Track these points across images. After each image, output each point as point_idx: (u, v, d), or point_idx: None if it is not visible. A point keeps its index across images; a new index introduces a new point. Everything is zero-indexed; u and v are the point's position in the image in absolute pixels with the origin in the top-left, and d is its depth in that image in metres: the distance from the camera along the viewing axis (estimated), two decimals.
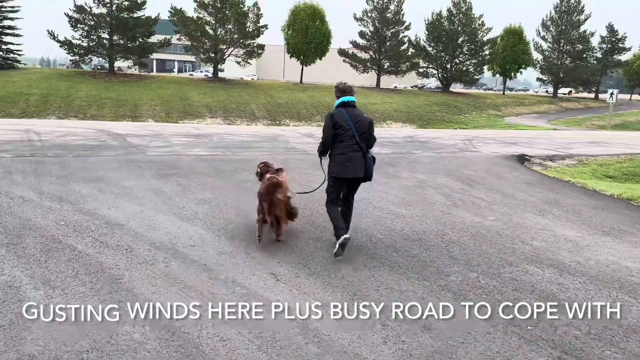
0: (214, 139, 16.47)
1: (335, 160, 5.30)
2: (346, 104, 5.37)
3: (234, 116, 30.69)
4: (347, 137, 5.23)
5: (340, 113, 5.30)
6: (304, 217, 6.63)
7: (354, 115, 5.30)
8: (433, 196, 8.50)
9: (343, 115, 5.27)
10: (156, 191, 8.00)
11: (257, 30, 37.27)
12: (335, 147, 5.32)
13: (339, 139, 5.26)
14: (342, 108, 5.36)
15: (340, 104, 5.39)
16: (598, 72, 53.01)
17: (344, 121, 5.23)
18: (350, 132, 5.22)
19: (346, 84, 5.53)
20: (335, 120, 5.25)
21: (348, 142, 5.22)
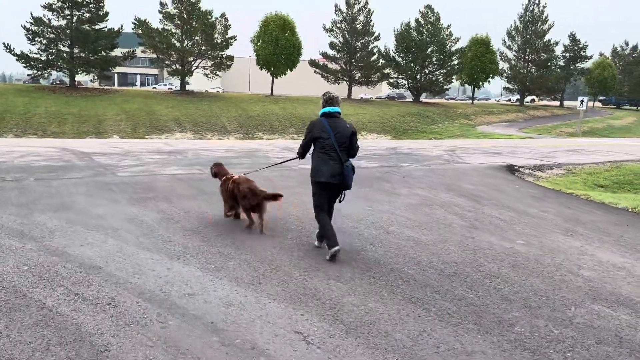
0: (189, 155, 15.38)
1: (313, 164, 5.54)
2: (329, 114, 5.52)
3: (205, 130, 29.52)
4: (327, 145, 5.39)
5: (321, 123, 5.48)
6: (316, 253, 5.74)
7: (335, 126, 5.42)
8: (445, 216, 7.71)
9: (324, 125, 5.43)
10: (135, 220, 6.95)
11: (226, 42, 36.26)
12: (315, 154, 5.53)
13: (319, 147, 5.46)
14: (324, 118, 5.52)
15: (323, 113, 5.56)
16: (562, 80, 53.95)
17: (324, 131, 5.41)
18: (330, 141, 5.37)
19: (332, 94, 5.68)
20: (314, 129, 5.47)
21: (327, 150, 5.40)
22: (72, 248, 5.60)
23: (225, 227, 6.70)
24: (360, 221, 7.16)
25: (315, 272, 4.97)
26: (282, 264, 5.21)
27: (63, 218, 6.96)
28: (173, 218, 7.15)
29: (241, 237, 6.24)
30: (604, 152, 20.84)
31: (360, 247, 5.84)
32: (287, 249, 5.78)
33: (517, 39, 51.40)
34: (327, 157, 5.39)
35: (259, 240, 6.12)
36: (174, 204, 8.11)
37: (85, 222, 6.79)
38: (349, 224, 6.96)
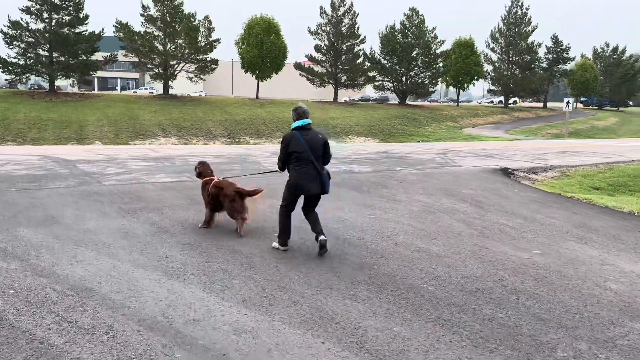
0: (176, 162, 14.91)
1: (292, 176, 5.74)
2: (301, 127, 5.68)
3: (190, 135, 28.98)
4: (303, 158, 5.59)
5: (295, 137, 5.65)
6: (325, 268, 5.37)
7: (309, 139, 5.63)
8: (451, 224, 7.41)
9: (298, 139, 5.61)
10: (127, 234, 6.52)
11: (210, 45, 35.74)
12: (292, 165, 5.69)
13: (294, 159, 5.64)
14: (297, 132, 5.67)
15: (296, 127, 5.71)
16: (545, 81, 54.39)
17: (299, 145, 5.59)
18: (306, 154, 5.57)
19: (303, 108, 5.84)
20: (290, 146, 5.64)
21: (303, 162, 5.60)
22: (61, 267, 5.16)
23: (224, 240, 6.30)
24: (365, 231, 6.82)
25: (328, 291, 4.61)
26: (290, 282, 4.84)
27: (49, 233, 6.51)
28: (168, 231, 6.73)
29: (242, 250, 5.85)
30: (594, 153, 20.82)
31: (371, 261, 5.49)
32: (292, 263, 5.41)
33: (501, 41, 51.68)
34: (304, 169, 5.60)
35: (262, 254, 5.74)
36: (167, 215, 7.69)
37: (73, 237, 6.34)
38: (355, 235, 6.61)
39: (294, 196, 5.81)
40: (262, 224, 7.16)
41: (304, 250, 5.93)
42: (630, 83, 63.68)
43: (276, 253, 5.79)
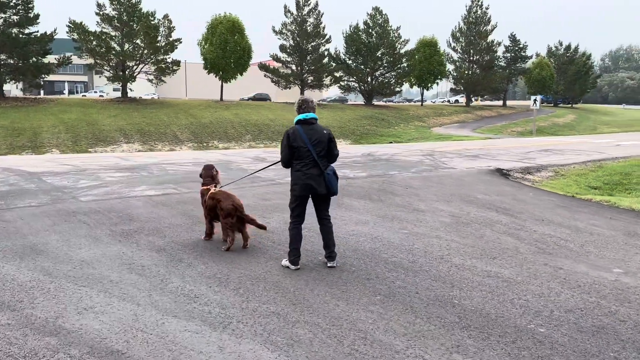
0: (154, 171, 13.64)
1: (293, 177, 5.28)
2: (304, 121, 5.20)
3: (154, 140, 27.43)
4: (304, 155, 5.14)
5: (296, 132, 5.16)
6: (399, 308, 4.47)
7: (312, 133, 5.16)
8: (498, 238, 6.65)
9: (299, 133, 5.14)
10: (133, 266, 5.43)
11: (170, 45, 34.12)
12: (294, 164, 5.25)
13: (296, 157, 5.19)
14: (299, 126, 5.21)
15: (299, 120, 5.23)
16: (505, 80, 55.20)
17: (300, 140, 5.13)
18: (308, 151, 5.11)
19: (306, 98, 5.36)
20: (290, 140, 5.14)
21: (306, 160, 5.15)
22: (68, 318, 4.06)
23: (254, 268, 5.30)
24: (411, 251, 5.96)
25: (421, 339, 3.71)
26: (367, 327, 3.91)
27: (37, 268, 5.34)
28: (181, 259, 5.67)
29: (285, 283, 4.88)
30: (575, 151, 20.76)
31: (445, 293, 4.63)
32: (351, 297, 4.50)
33: (462, 40, 52.07)
34: (305, 168, 5.14)
35: (310, 287, 4.79)
36: (171, 238, 6.61)
37: (68, 272, 5.20)
38: (403, 257, 5.74)
39: (299, 200, 5.29)
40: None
41: (359, 274, 5.00)
42: (583, 80, 65.62)
43: (328, 285, 4.84)
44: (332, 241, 5.44)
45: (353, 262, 5.55)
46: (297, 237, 5.33)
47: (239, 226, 6.01)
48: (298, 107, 5.31)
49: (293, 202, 5.36)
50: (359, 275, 5.12)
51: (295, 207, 5.34)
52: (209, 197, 6.19)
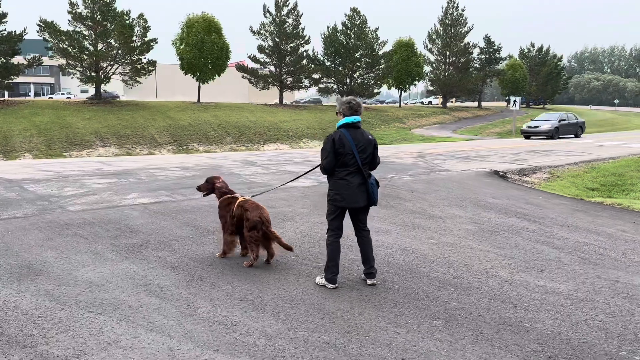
0: (142, 177, 12.93)
1: (335, 186, 4.78)
2: (351, 125, 4.76)
3: (132, 143, 26.48)
4: (349, 162, 4.70)
5: (342, 137, 4.69)
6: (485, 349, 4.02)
7: (358, 139, 4.74)
8: (533, 246, 6.29)
9: (345, 139, 4.69)
10: (150, 288, 4.86)
11: (146, 45, 33.12)
12: (336, 172, 4.77)
13: (340, 164, 4.72)
14: (345, 130, 4.74)
15: (344, 124, 4.76)
16: (480, 81, 55.68)
17: (346, 146, 4.67)
18: (353, 157, 4.68)
19: (356, 100, 4.87)
20: (336, 146, 4.67)
21: (351, 168, 4.71)
22: (92, 356, 3.51)
23: (287, 288, 4.79)
24: (450, 265, 5.54)
25: None
26: None
27: (40, 292, 4.72)
28: (203, 279, 5.11)
29: (328, 306, 4.39)
30: (563, 152, 20.77)
31: (512, 316, 4.20)
32: (409, 322, 4.04)
33: (438, 42, 52.27)
34: (349, 176, 4.71)
35: (358, 309, 4.30)
36: (183, 253, 6.03)
37: (77, 297, 4.61)
38: (443, 271, 5.31)
39: (341, 211, 4.85)
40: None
41: (406, 293, 4.54)
42: (555, 81, 66.80)
43: (377, 307, 4.37)
44: (372, 256, 4.98)
45: (392, 279, 5.09)
46: (336, 253, 4.85)
47: (264, 241, 5.47)
48: (348, 108, 4.76)
49: (332, 214, 4.87)
50: (406, 294, 4.66)
51: (335, 219, 4.87)
52: (238, 205, 5.64)
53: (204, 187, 6.05)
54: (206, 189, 6.04)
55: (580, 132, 31.25)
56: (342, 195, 4.73)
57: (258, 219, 5.40)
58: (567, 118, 30.67)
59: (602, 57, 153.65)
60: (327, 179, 4.96)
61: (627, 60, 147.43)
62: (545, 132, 28.78)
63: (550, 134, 28.61)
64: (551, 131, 28.60)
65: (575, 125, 30.94)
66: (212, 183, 6.03)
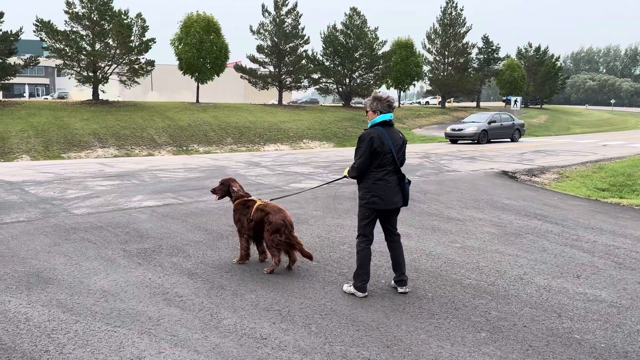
0: (145, 178, 12.64)
1: (372, 188, 4.47)
2: (387, 122, 4.53)
3: (131, 144, 26.13)
4: (387, 162, 4.46)
5: (380, 135, 4.43)
6: None
7: (395, 137, 4.53)
8: (562, 250, 6.05)
9: (384, 137, 4.43)
10: (169, 297, 4.59)
11: (144, 45, 32.72)
12: (372, 172, 4.48)
13: (377, 164, 4.45)
14: (381, 128, 4.49)
15: (382, 122, 4.50)
16: (479, 81, 55.50)
17: (386, 145, 4.43)
18: (391, 156, 4.46)
19: (389, 96, 4.63)
20: (375, 145, 4.40)
21: (388, 168, 4.47)
22: None
23: (314, 296, 4.54)
24: (480, 271, 5.29)
25: None
26: None
27: (52, 302, 4.45)
28: (224, 287, 4.84)
29: (362, 317, 4.12)
30: (569, 151, 20.60)
31: (560, 327, 3.94)
32: (455, 337, 3.77)
33: (437, 42, 52.01)
34: (388, 176, 4.47)
35: (396, 322, 4.04)
36: (198, 259, 5.77)
37: (92, 307, 4.33)
38: (476, 277, 5.06)
39: (374, 215, 4.56)
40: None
41: (441, 302, 4.28)
42: (553, 81, 66.72)
43: (413, 318, 4.11)
44: (404, 262, 4.72)
45: (424, 286, 4.84)
46: (368, 260, 4.60)
47: (286, 246, 5.21)
48: (388, 105, 4.53)
49: (367, 218, 4.58)
50: (441, 303, 4.40)
51: (369, 224, 4.60)
52: (257, 209, 5.36)
53: (219, 190, 5.77)
54: (221, 192, 5.76)
55: (517, 136, 28.01)
56: (381, 197, 4.46)
57: (281, 222, 5.14)
58: (499, 119, 27.40)
59: (597, 57, 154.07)
60: (357, 182, 4.70)
61: (622, 61, 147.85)
62: (470, 136, 25.43)
63: (476, 137, 25.24)
64: (477, 135, 25.22)
65: (510, 128, 27.67)
66: (227, 185, 5.75)
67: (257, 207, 5.43)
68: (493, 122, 26.70)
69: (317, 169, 14.59)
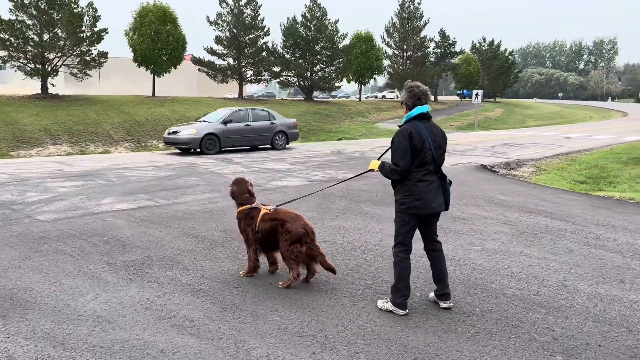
0: (111, 178, 11.67)
1: (413, 190, 3.96)
2: (424, 116, 4.03)
3: (85, 140, 24.66)
4: (427, 160, 3.96)
5: (418, 130, 3.93)
6: None
7: (434, 132, 4.03)
8: (591, 252, 5.70)
9: (421, 132, 3.93)
10: (177, 322, 3.93)
11: (97, 36, 31.00)
12: (411, 172, 3.96)
13: (416, 164, 3.94)
14: (418, 122, 3.99)
15: (417, 116, 3.99)
16: (437, 75, 56.02)
17: (426, 142, 3.93)
18: (430, 154, 3.96)
19: (423, 86, 4.08)
20: (414, 142, 3.89)
21: (429, 167, 3.98)
22: None
23: (354, 319, 3.96)
24: (516, 277, 4.86)
25: None
26: None
27: (37, 333, 3.70)
28: (238, 307, 4.20)
29: (415, 339, 3.58)
30: (536, 144, 20.79)
31: (637, 345, 3.53)
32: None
33: (395, 35, 52.07)
34: (429, 176, 3.98)
35: (456, 346, 3.52)
36: (197, 272, 5.09)
37: (87, 339, 3.63)
38: (515, 286, 4.63)
39: (414, 222, 4.06)
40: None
41: (493, 317, 3.79)
42: (506, 75, 68.25)
43: (472, 339, 3.59)
44: (447, 273, 4.21)
45: (465, 298, 4.34)
46: (408, 271, 4.08)
47: (306, 257, 4.60)
48: (414, 97, 4.00)
49: (407, 224, 4.04)
50: (494, 319, 3.91)
51: (410, 231, 4.07)
52: (263, 218, 4.73)
53: (238, 191, 5.06)
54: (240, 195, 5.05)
55: (282, 142, 20.13)
56: (423, 200, 3.95)
57: (303, 231, 4.54)
58: (244, 118, 19.07)
59: (544, 52, 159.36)
60: (392, 185, 4.15)
61: (567, 55, 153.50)
62: (185, 142, 17.58)
63: (196, 144, 17.43)
64: (196, 141, 17.37)
65: (268, 131, 19.51)
66: (244, 183, 5.09)
67: (263, 216, 4.79)
68: (230, 123, 18.42)
69: (295, 165, 13.96)
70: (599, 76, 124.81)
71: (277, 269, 5.03)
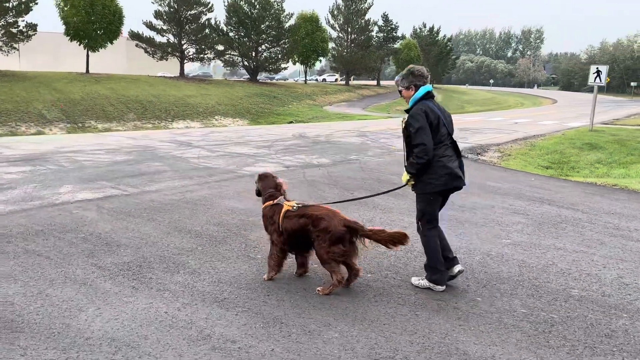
0: (63, 163, 10.45)
1: (436, 170, 3.98)
2: (430, 94, 4.12)
3: (15, 120, 22.54)
4: (444, 137, 4.04)
5: (431, 108, 4.00)
6: None
7: (442, 109, 4.13)
8: (623, 244, 5.46)
9: (434, 109, 4.01)
10: (216, 343, 3.30)
11: (25, 6, 28.37)
12: None
13: (436, 140, 3.99)
14: (426, 101, 4.06)
15: (424, 95, 4.07)
16: (379, 60, 56.12)
17: (438, 117, 4.00)
18: (445, 129, 4.06)
19: (420, 67, 4.18)
20: (430, 119, 3.94)
21: (447, 142, 4.06)
22: None
23: (423, 328, 3.42)
24: (570, 275, 4.50)
25: None
26: None
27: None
28: (281, 320, 3.57)
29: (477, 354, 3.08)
30: (491, 129, 21.00)
31: None
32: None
33: (340, 17, 51.54)
34: (449, 151, 4.06)
35: (528, 355, 3.05)
36: (212, 276, 4.40)
37: None
38: (578, 285, 4.25)
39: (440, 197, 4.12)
40: None
41: (591, 324, 3.37)
42: (445, 62, 69.62)
43: (577, 354, 3.13)
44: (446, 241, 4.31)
45: (535, 304, 3.89)
46: (438, 247, 4.12)
47: (347, 257, 3.99)
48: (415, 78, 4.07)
49: (433, 203, 4.09)
50: (580, 328, 3.48)
51: (435, 208, 4.14)
52: (287, 216, 4.08)
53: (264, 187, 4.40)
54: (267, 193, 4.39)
55: None
56: (451, 174, 3.99)
57: (343, 229, 3.91)
58: None
59: (475, 39, 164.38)
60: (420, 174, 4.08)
61: (497, 43, 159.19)
62: None
63: None
64: None
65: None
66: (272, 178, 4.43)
67: (285, 214, 4.14)
68: None
69: (261, 149, 13.18)
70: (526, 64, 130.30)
71: (305, 272, 4.39)
